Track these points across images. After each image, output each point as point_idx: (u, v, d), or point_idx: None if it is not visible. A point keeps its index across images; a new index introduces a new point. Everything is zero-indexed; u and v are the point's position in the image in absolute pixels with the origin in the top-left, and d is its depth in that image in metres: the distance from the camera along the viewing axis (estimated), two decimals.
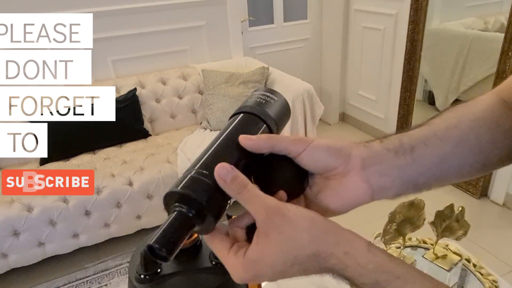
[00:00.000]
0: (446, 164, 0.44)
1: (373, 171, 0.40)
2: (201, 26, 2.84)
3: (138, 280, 0.53)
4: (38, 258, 2.03)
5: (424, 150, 0.42)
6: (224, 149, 0.38)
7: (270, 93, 0.44)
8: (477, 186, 2.46)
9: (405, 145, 0.42)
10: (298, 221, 0.34)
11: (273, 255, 0.34)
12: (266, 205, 0.34)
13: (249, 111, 0.42)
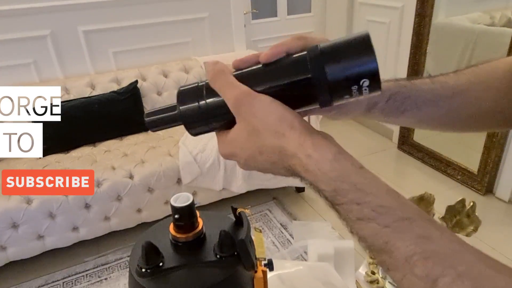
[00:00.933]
0: (424, 124, 0.51)
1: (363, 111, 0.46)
2: (204, 18, 2.80)
3: (139, 273, 0.51)
4: (37, 251, 2.01)
5: (413, 113, 0.47)
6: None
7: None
8: (483, 182, 2.43)
9: (402, 107, 0.47)
10: (264, 114, 0.35)
11: (242, 139, 0.37)
12: (236, 93, 0.36)
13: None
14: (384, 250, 0.30)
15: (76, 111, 2.31)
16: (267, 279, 0.59)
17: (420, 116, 0.49)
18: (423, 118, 0.49)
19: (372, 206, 0.31)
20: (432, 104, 0.48)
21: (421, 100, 0.48)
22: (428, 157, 2.83)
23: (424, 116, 0.49)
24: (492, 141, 2.31)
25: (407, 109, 0.47)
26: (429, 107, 0.48)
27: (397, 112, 0.47)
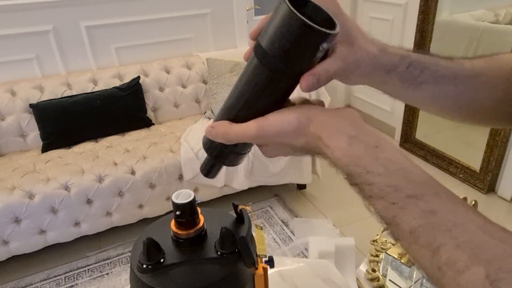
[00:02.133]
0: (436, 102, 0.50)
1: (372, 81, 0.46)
2: (206, 14, 2.80)
3: (140, 269, 0.51)
4: (39, 246, 2.02)
5: (429, 87, 0.47)
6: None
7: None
8: (485, 181, 2.43)
9: (419, 79, 0.46)
10: (282, 128, 0.39)
11: (275, 150, 0.44)
12: (249, 135, 0.41)
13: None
14: (392, 223, 0.34)
15: (78, 107, 2.31)
16: (268, 276, 0.59)
17: (436, 92, 0.48)
18: (439, 96, 0.49)
19: (381, 186, 0.34)
20: (449, 81, 0.49)
21: (439, 74, 0.48)
22: (430, 155, 2.83)
23: (440, 93, 0.49)
24: (495, 139, 2.30)
25: (425, 81, 0.47)
26: (446, 83, 0.49)
27: (415, 83, 0.47)
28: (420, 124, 2.94)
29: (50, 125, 2.29)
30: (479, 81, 0.50)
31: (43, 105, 2.29)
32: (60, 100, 2.33)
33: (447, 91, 0.49)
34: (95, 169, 2.04)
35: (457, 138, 2.99)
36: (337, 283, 0.90)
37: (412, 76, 0.46)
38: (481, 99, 0.51)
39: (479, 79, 0.50)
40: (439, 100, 0.50)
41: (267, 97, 0.40)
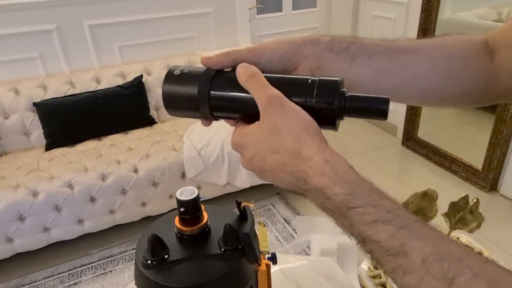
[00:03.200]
0: (381, 79, 0.49)
1: (317, 66, 0.47)
2: (209, 13, 2.80)
3: (145, 265, 0.52)
4: (43, 243, 2.04)
5: (364, 60, 0.47)
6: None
7: None
8: (487, 179, 2.43)
9: (350, 52, 0.47)
10: (291, 118, 0.37)
11: (259, 135, 0.38)
12: (268, 94, 0.38)
13: None
14: (400, 252, 0.30)
15: (82, 105, 2.33)
16: (271, 273, 0.60)
17: (374, 67, 0.48)
18: (379, 71, 0.48)
19: (388, 209, 0.32)
20: (382, 54, 0.48)
21: (370, 49, 0.48)
22: (433, 154, 2.82)
23: (378, 68, 0.48)
24: (498, 138, 2.30)
25: (357, 55, 0.47)
26: (380, 57, 0.48)
27: (347, 56, 0.47)
28: (422, 123, 2.93)
29: (54, 124, 2.30)
30: (418, 55, 0.50)
31: (46, 104, 2.30)
32: (64, 99, 2.34)
33: (384, 66, 0.49)
34: (98, 167, 2.05)
35: (460, 136, 2.99)
36: (339, 281, 0.90)
37: (341, 48, 0.47)
38: (424, 74, 0.50)
39: (417, 54, 0.50)
40: (382, 76, 0.49)
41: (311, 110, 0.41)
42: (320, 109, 0.40)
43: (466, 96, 0.52)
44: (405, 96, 0.53)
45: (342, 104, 0.40)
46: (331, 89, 0.40)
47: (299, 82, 0.42)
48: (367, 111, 0.40)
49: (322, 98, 0.40)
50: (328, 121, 0.40)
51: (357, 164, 0.41)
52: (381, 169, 2.69)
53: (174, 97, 0.47)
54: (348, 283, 0.90)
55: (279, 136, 0.37)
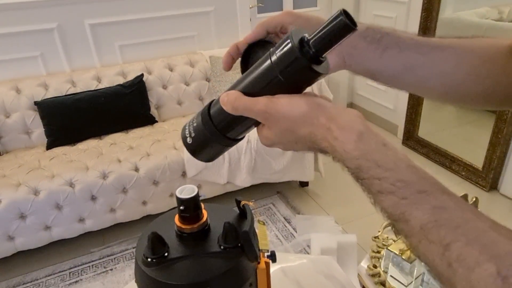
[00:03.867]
0: (408, 72, 0.50)
1: (349, 53, 0.49)
2: (209, 12, 2.80)
3: (145, 263, 0.52)
4: (44, 241, 2.05)
5: (395, 52, 0.49)
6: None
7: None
8: (487, 178, 2.43)
9: (382, 42, 0.48)
10: (289, 113, 0.39)
11: (277, 136, 0.42)
12: (258, 109, 0.40)
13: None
14: (401, 219, 0.33)
15: (82, 104, 2.33)
16: (270, 271, 0.60)
17: (403, 60, 0.50)
18: (407, 64, 0.50)
19: (391, 181, 0.34)
20: (413, 48, 0.50)
21: (402, 42, 0.50)
22: (433, 153, 2.83)
23: (407, 61, 0.50)
24: (498, 137, 2.30)
25: (389, 47, 0.49)
26: (410, 50, 0.50)
27: (379, 45, 0.49)
28: (423, 122, 2.93)
29: (55, 122, 2.31)
30: (446, 52, 0.51)
31: (47, 103, 2.30)
32: (65, 98, 2.34)
33: (413, 60, 0.50)
34: (99, 166, 2.06)
35: (460, 135, 2.99)
36: (339, 279, 0.91)
37: (374, 38, 0.49)
38: (450, 71, 0.51)
39: (446, 51, 0.51)
40: (409, 69, 0.51)
41: (289, 84, 0.41)
42: (295, 73, 0.39)
43: (488, 97, 0.53)
44: (428, 91, 0.55)
45: (307, 54, 0.38)
46: (288, 54, 0.38)
47: (262, 72, 0.41)
48: (333, 36, 0.37)
49: (287, 66, 0.38)
50: (312, 73, 0.39)
51: None
52: None
53: (203, 155, 0.50)
54: (348, 282, 0.90)
55: (291, 132, 0.40)
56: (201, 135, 0.47)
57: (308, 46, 0.38)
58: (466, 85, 0.52)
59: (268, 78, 0.40)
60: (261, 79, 0.41)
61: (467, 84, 0.52)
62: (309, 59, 0.38)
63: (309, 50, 0.38)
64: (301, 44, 0.38)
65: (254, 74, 0.42)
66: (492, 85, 0.52)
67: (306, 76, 0.39)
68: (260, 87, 0.41)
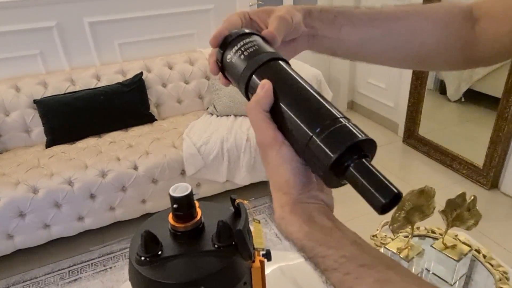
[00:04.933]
0: (365, 45, 0.52)
1: (312, 34, 0.50)
2: (209, 10, 2.79)
3: (138, 262, 0.52)
4: (43, 239, 2.05)
5: (349, 29, 0.51)
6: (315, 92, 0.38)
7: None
8: (488, 177, 2.42)
9: (337, 21, 0.50)
10: (273, 171, 0.38)
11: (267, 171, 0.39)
12: (260, 138, 0.38)
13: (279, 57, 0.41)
14: None
15: (82, 102, 2.33)
16: (268, 270, 0.60)
17: (359, 35, 0.51)
18: (362, 38, 0.52)
19: (334, 258, 0.34)
20: (366, 23, 0.52)
21: (355, 18, 0.51)
22: (434, 151, 2.82)
23: (363, 35, 0.52)
24: (499, 135, 2.29)
25: (343, 24, 0.51)
26: (365, 25, 0.51)
27: (334, 27, 0.50)
28: (424, 120, 2.92)
29: (54, 121, 2.30)
30: (399, 24, 0.53)
31: (47, 101, 2.30)
32: (64, 96, 2.34)
33: (368, 34, 0.52)
34: (98, 164, 2.06)
35: (461, 134, 2.98)
36: None
37: (329, 19, 0.50)
38: (404, 41, 0.53)
39: (398, 23, 0.53)
40: (365, 43, 0.53)
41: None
42: (313, 156, 0.34)
43: (447, 60, 0.56)
44: (386, 61, 0.57)
45: (339, 166, 0.33)
46: (338, 141, 0.33)
47: (298, 130, 0.36)
48: (362, 190, 0.33)
49: (323, 147, 0.33)
50: (320, 173, 0.35)
51: None
52: (382, 167, 2.66)
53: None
54: None
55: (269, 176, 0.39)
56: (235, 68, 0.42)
57: (351, 160, 0.34)
58: (423, 53, 0.54)
59: (299, 140, 0.35)
60: (295, 131, 0.36)
61: (423, 51, 0.54)
62: (331, 165, 0.33)
63: (346, 162, 0.33)
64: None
65: (293, 122, 0.36)
66: (447, 50, 0.54)
67: (317, 165, 0.35)
68: (289, 134, 0.37)
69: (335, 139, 0.33)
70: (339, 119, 0.35)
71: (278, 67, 0.40)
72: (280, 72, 0.39)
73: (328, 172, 0.34)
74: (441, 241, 0.99)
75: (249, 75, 0.40)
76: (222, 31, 0.44)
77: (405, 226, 0.94)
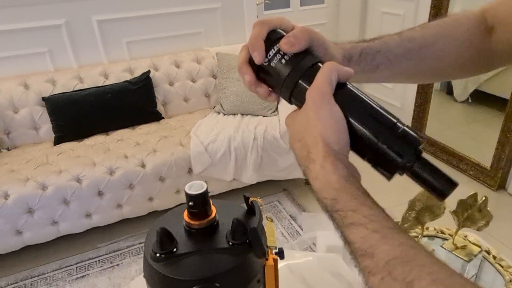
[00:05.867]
0: (397, 76, 0.55)
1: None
2: (216, 9, 2.80)
3: (154, 258, 0.52)
4: (51, 236, 2.07)
5: (385, 66, 0.52)
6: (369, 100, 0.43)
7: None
8: (495, 178, 2.41)
9: (374, 62, 0.51)
10: (321, 122, 0.39)
11: (296, 122, 0.42)
12: (316, 91, 0.40)
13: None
14: (368, 253, 0.33)
15: (90, 100, 2.34)
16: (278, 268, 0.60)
17: (393, 69, 0.53)
18: (397, 72, 0.54)
19: (364, 214, 0.34)
20: (402, 58, 0.53)
21: (392, 54, 0.52)
22: (440, 152, 2.80)
23: (397, 70, 0.53)
24: (507, 136, 2.28)
25: (380, 63, 0.52)
26: (400, 61, 0.53)
27: (371, 67, 0.52)
28: (430, 120, 2.91)
29: (62, 118, 2.32)
30: (431, 50, 0.54)
31: (55, 98, 2.32)
32: (72, 94, 2.36)
33: (403, 66, 0.54)
34: (106, 161, 2.07)
35: (468, 134, 2.97)
36: (345, 277, 0.90)
37: (367, 61, 0.51)
38: (436, 64, 0.55)
39: (430, 48, 0.54)
40: (398, 74, 0.55)
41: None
42: (385, 155, 0.39)
43: (461, 70, 0.59)
44: (404, 81, 0.60)
45: (410, 163, 0.39)
46: (408, 145, 0.39)
47: (383, 119, 0.41)
48: (428, 183, 0.39)
49: (395, 148, 0.39)
50: (387, 169, 0.40)
51: (365, 162, 0.41)
52: None
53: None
54: (354, 279, 0.90)
55: (305, 131, 0.41)
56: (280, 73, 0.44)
57: (416, 159, 0.39)
58: (445, 69, 0.57)
59: (381, 127, 0.40)
60: (379, 118, 0.41)
61: (446, 68, 0.56)
62: (404, 164, 0.39)
63: (412, 162, 0.39)
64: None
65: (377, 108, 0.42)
66: (467, 61, 0.57)
67: (387, 163, 0.40)
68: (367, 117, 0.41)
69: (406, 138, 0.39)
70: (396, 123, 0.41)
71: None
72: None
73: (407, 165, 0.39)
74: (451, 241, 0.99)
75: (296, 80, 0.42)
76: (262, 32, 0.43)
77: (416, 226, 0.94)
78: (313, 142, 0.39)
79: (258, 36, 0.43)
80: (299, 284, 0.91)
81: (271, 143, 2.22)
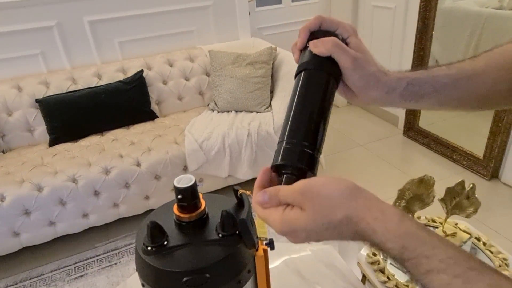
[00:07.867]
0: (443, 105, 0.54)
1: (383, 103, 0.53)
2: (208, 6, 2.80)
3: (145, 251, 0.53)
4: (49, 237, 2.07)
5: (432, 96, 0.52)
6: (298, 116, 0.48)
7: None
8: (488, 167, 2.43)
9: (420, 92, 0.51)
10: (327, 190, 0.38)
11: (306, 221, 0.38)
12: (294, 191, 0.40)
13: (308, 68, 0.49)
14: None
15: (84, 101, 2.34)
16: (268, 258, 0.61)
17: (440, 98, 0.52)
18: (443, 100, 0.53)
19: (440, 258, 0.32)
20: (450, 87, 0.52)
21: (439, 84, 0.52)
22: (434, 143, 2.83)
23: (444, 98, 0.53)
24: (498, 126, 2.30)
25: (426, 93, 0.51)
26: (448, 90, 0.52)
27: (416, 97, 0.52)
28: (423, 113, 2.93)
29: (57, 120, 2.32)
30: (481, 79, 0.52)
31: (49, 100, 2.32)
32: (66, 95, 2.36)
33: (449, 95, 0.52)
34: (101, 161, 2.08)
35: (461, 125, 2.99)
36: (339, 268, 0.92)
37: (412, 92, 0.51)
38: (486, 93, 0.53)
39: (480, 77, 0.52)
40: (445, 103, 0.53)
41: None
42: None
43: (504, 98, 0.55)
44: (463, 110, 0.57)
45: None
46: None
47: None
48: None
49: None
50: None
51: (359, 155, 0.42)
52: (382, 160, 2.69)
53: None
54: (348, 270, 0.91)
55: (326, 214, 0.37)
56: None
57: None
58: (502, 99, 0.54)
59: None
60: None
61: (502, 98, 0.54)
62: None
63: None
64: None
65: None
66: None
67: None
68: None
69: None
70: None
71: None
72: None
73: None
74: (441, 229, 1.01)
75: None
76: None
77: None
78: (345, 209, 0.37)
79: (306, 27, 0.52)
80: (294, 276, 0.92)
81: (265, 138, 2.24)
